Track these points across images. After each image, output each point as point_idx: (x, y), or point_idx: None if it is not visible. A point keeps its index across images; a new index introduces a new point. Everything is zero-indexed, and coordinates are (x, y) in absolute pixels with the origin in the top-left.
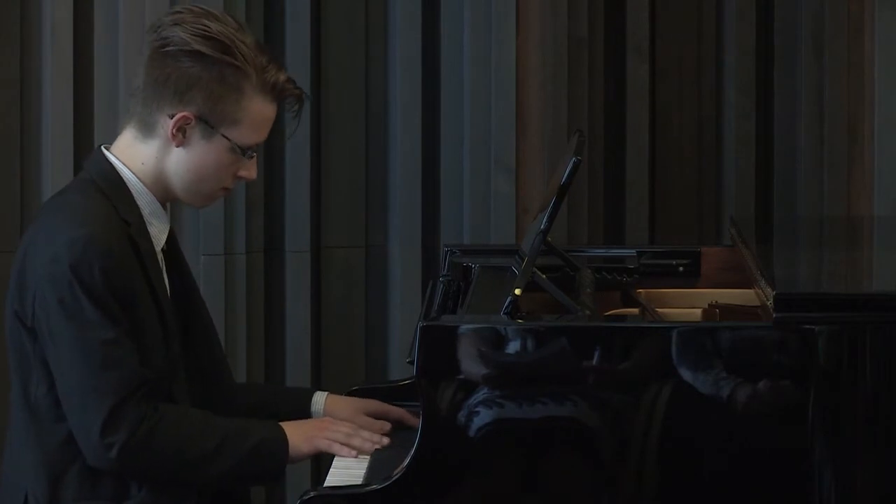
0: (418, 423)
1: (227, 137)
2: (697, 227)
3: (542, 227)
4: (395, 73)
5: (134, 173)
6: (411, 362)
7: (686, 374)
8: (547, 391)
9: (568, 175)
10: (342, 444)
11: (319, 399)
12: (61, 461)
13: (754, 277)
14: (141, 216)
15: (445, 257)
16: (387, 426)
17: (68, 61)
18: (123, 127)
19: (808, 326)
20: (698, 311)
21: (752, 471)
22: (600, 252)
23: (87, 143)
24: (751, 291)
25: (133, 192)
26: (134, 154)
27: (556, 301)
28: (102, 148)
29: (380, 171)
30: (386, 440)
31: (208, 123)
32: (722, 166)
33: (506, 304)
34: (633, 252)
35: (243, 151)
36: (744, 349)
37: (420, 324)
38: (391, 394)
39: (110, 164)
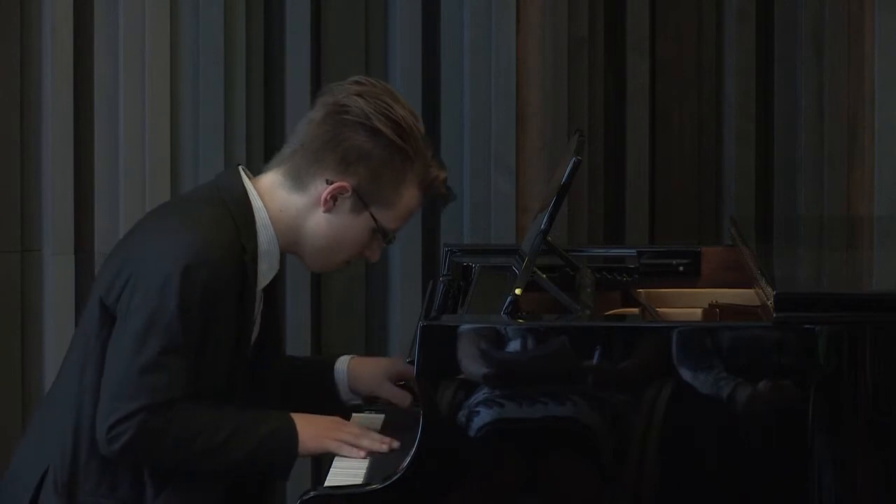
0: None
1: (374, 217)
2: (697, 227)
3: (542, 226)
4: (395, 73)
5: (266, 209)
6: (411, 362)
7: (686, 374)
8: (547, 391)
9: (568, 175)
10: (351, 445)
11: (342, 366)
12: (90, 450)
13: (754, 277)
14: (256, 249)
15: (445, 257)
16: (407, 398)
17: (68, 61)
18: (271, 168)
19: (808, 326)
20: (698, 311)
21: (752, 471)
22: (600, 252)
23: (87, 143)
24: (751, 291)
25: (258, 224)
26: (275, 198)
27: (556, 301)
28: (241, 170)
29: None
30: (396, 444)
31: (362, 199)
32: (722, 166)
33: (506, 303)
34: (633, 252)
35: (385, 235)
36: (744, 349)
37: (420, 323)
38: None
39: (244, 187)
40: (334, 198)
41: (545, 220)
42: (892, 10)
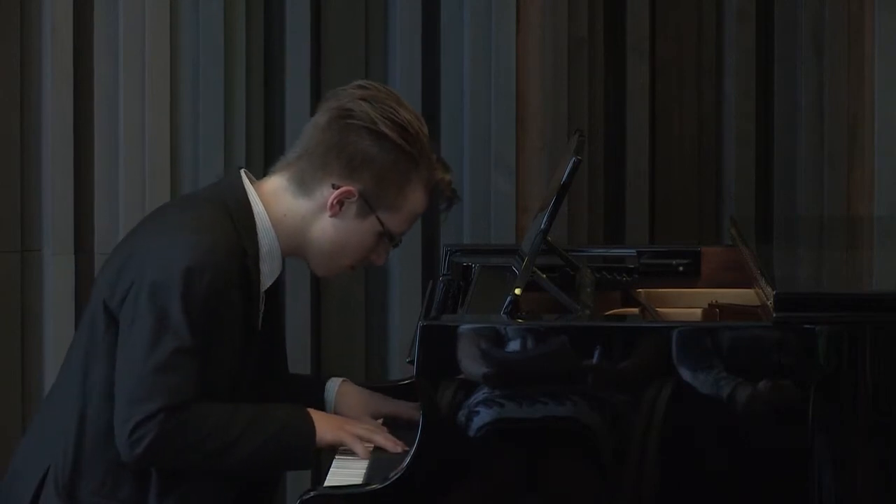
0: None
1: (381, 221)
2: (697, 227)
3: (542, 226)
4: (395, 73)
5: (268, 214)
6: (411, 362)
7: (686, 374)
8: (547, 391)
9: (568, 175)
10: (365, 439)
11: (332, 386)
12: (95, 450)
13: (754, 277)
14: (258, 252)
15: (445, 257)
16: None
17: (68, 61)
18: (275, 172)
19: (808, 326)
20: (698, 311)
21: (752, 471)
22: (600, 252)
23: (87, 143)
24: (751, 291)
25: (259, 228)
26: (279, 203)
27: (556, 301)
28: (243, 174)
29: None
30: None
31: (368, 203)
32: (722, 166)
33: (506, 303)
34: (633, 252)
35: (391, 238)
36: (744, 349)
37: (420, 323)
38: (391, 394)
39: (245, 191)
40: (341, 202)
41: (545, 219)
42: (892, 10)
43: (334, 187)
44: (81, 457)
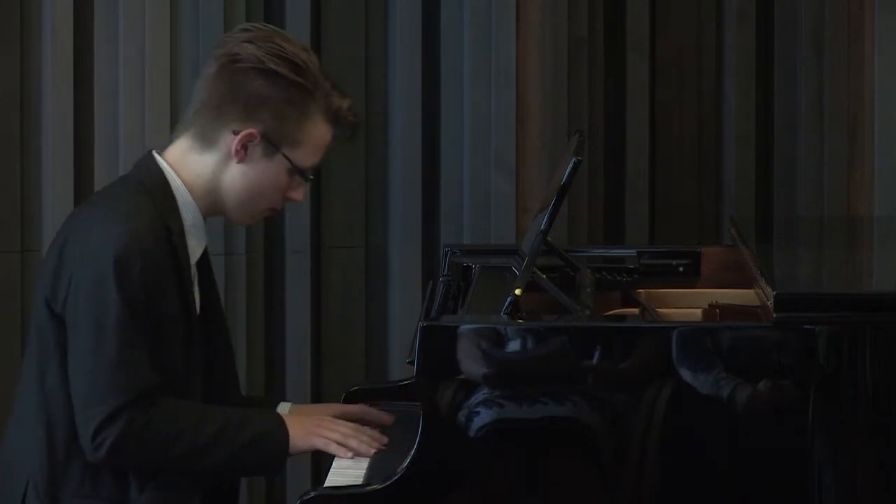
0: (384, 417)
1: (287, 158)
2: (697, 227)
3: (542, 227)
4: (395, 73)
5: (184, 183)
6: (412, 362)
7: (686, 374)
8: (547, 391)
9: (568, 175)
10: (339, 444)
11: (282, 410)
12: (67, 453)
13: (754, 277)
14: (182, 226)
15: (445, 257)
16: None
17: (68, 61)
18: (178, 136)
19: (808, 326)
20: (698, 311)
21: (752, 471)
22: (600, 252)
23: (87, 143)
24: (751, 291)
25: (179, 201)
26: (188, 165)
27: (556, 301)
28: (154, 153)
29: (380, 171)
30: (385, 439)
31: (272, 143)
32: (722, 166)
33: (506, 304)
34: (633, 252)
35: (301, 173)
36: (744, 349)
37: (420, 324)
38: (391, 394)
39: (160, 169)
40: (245, 147)
41: (545, 220)
42: (892, 10)
43: (235, 133)
44: (56, 463)
